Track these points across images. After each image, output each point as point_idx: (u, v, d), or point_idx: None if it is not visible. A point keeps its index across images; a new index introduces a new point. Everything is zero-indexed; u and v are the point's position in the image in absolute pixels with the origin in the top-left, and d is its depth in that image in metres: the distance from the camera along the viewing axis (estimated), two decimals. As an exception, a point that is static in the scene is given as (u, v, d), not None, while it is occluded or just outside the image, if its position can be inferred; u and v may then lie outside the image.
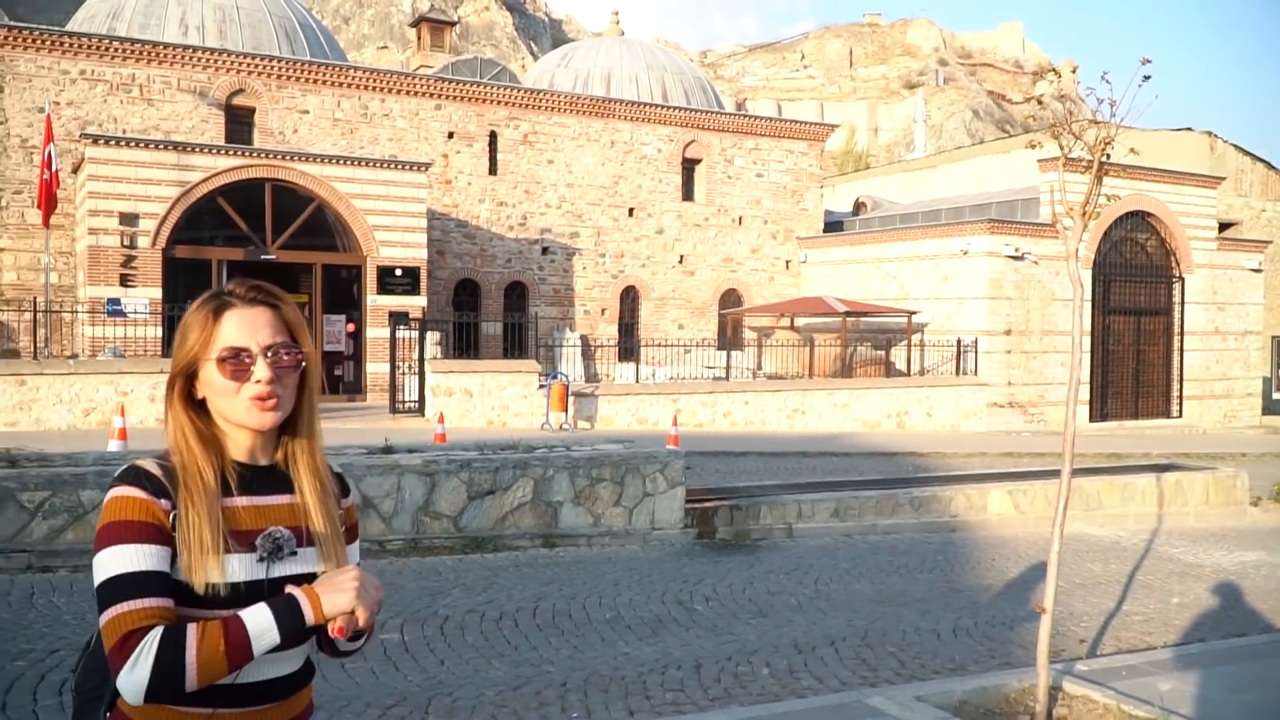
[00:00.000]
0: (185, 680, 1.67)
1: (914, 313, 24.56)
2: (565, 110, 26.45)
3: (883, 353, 25.29)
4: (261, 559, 1.84)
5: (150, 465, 1.83)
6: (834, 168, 50.37)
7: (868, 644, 6.71)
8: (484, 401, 18.78)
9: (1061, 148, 5.28)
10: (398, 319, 20.05)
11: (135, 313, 18.76)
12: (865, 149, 63.33)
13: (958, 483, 12.27)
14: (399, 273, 21.06)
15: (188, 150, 19.58)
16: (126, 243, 18.93)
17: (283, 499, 1.93)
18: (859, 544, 10.36)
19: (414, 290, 21.20)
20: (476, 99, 25.40)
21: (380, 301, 20.85)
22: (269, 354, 1.86)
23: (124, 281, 18.91)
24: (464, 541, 9.14)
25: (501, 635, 6.67)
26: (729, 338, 27.78)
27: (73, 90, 21.47)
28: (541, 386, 19.03)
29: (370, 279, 20.86)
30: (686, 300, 28.05)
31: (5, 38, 20.88)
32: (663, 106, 27.80)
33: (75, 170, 20.63)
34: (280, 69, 23.29)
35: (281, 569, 1.85)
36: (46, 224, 19.31)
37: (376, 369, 20.71)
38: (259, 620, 1.73)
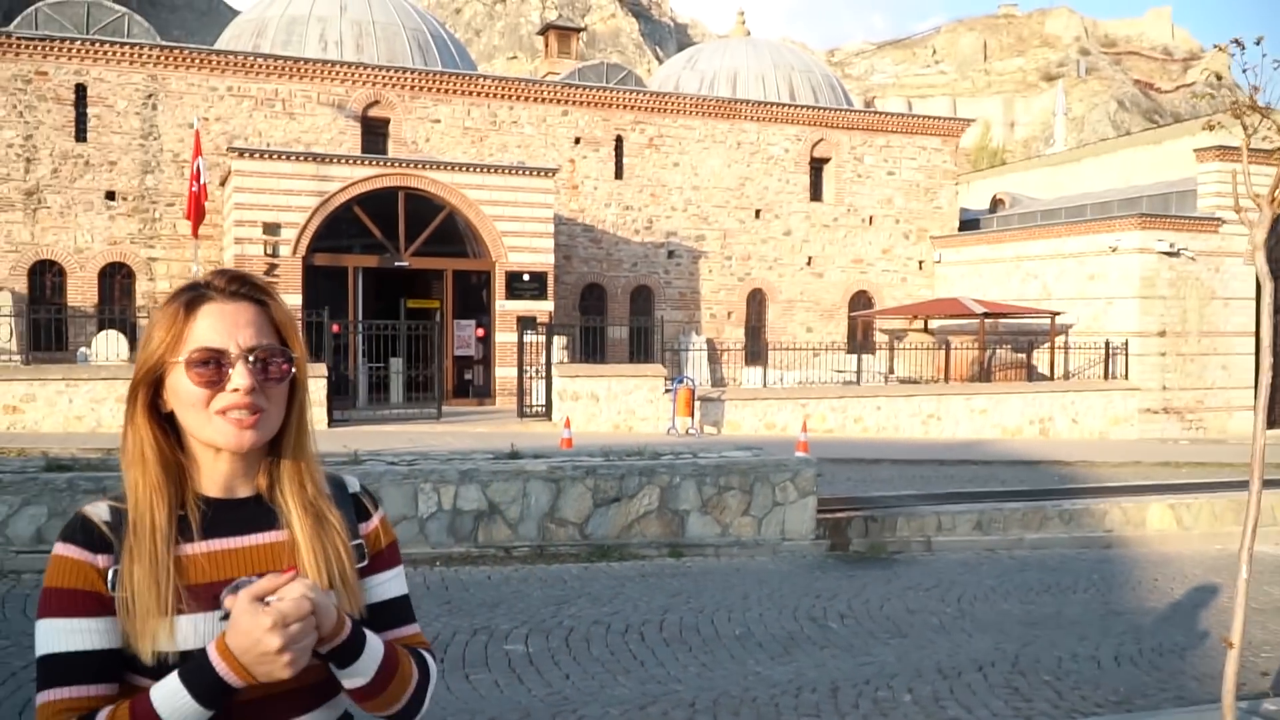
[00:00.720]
0: None
1: (1057, 313, 23.40)
2: (691, 112, 26.25)
3: (1023, 356, 24.17)
4: (225, 617, 1.45)
5: (97, 511, 1.53)
6: (968, 164, 48.72)
7: (1019, 671, 6.23)
8: (610, 406, 18.71)
9: (1246, 129, 4.74)
10: (525, 323, 20.18)
11: (277, 319, 19.38)
12: (1001, 144, 61.08)
13: (1112, 495, 11.52)
14: (527, 278, 21.21)
15: (326, 161, 20.18)
16: (269, 251, 19.61)
17: (262, 538, 1.58)
18: (1004, 559, 9.77)
19: (541, 295, 21.32)
20: (602, 104, 25.44)
21: (508, 306, 21.05)
22: (251, 358, 1.53)
23: (267, 289, 19.56)
24: (589, 549, 9.02)
25: (628, 649, 6.48)
26: (859, 341, 27.06)
27: (220, 106, 22.43)
28: (667, 391, 18.85)
29: (499, 284, 21.08)
30: (815, 303, 27.45)
31: (159, 57, 21.98)
32: (790, 105, 27.29)
33: (223, 182, 21.53)
34: (413, 80, 23.82)
35: None
36: (195, 234, 20.19)
37: (505, 373, 20.90)
38: (170, 696, 1.39)
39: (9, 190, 21.11)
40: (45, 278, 21.56)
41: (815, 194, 27.64)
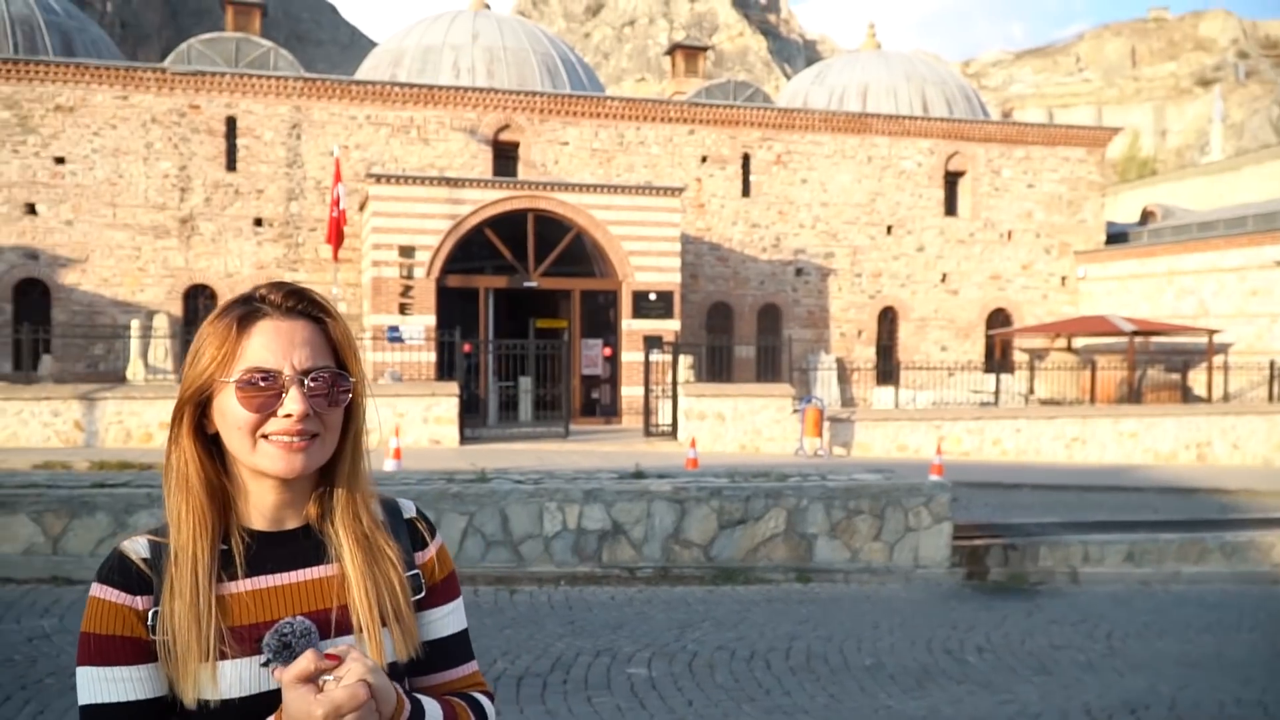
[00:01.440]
0: None
1: (1215, 331, 21.99)
2: (819, 128, 25.87)
3: (1177, 376, 22.81)
4: (267, 663, 1.37)
5: (135, 548, 1.43)
6: (1116, 176, 46.57)
7: (1177, 716, 5.75)
8: (736, 425, 18.48)
9: None
10: (651, 343, 20.17)
11: (411, 339, 19.93)
12: (1151, 154, 58.24)
13: (1280, 526, 10.63)
14: (653, 297, 21.22)
15: (458, 185, 20.68)
16: (404, 274, 20.20)
17: (309, 574, 1.47)
18: (1159, 594, 9.12)
19: (668, 314, 21.29)
20: (729, 122, 25.34)
21: (635, 326, 21.09)
22: (306, 381, 1.42)
23: (402, 310, 20.18)
24: (714, 572, 8.86)
25: (753, 677, 6.30)
26: (997, 360, 26.04)
27: (359, 134, 23.29)
28: (795, 411, 18.50)
29: (625, 303, 21.15)
30: (950, 321, 26.59)
31: (303, 89, 22.98)
32: (923, 119, 26.61)
33: (361, 207, 22.31)
34: (542, 104, 24.24)
35: None
36: (336, 257, 20.96)
37: (631, 392, 20.92)
38: None
39: (165, 219, 22.38)
40: (198, 301, 22.74)
41: (950, 208, 26.83)
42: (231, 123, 22.70)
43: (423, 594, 1.55)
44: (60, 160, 21.80)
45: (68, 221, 21.86)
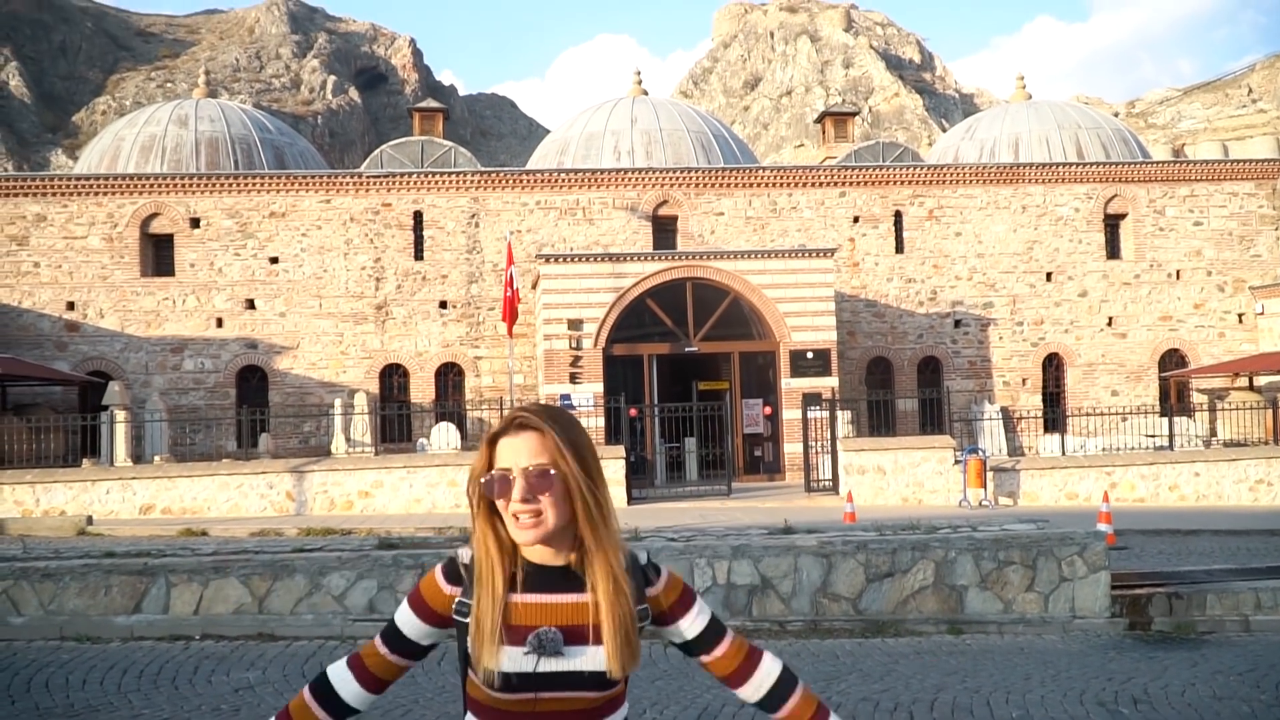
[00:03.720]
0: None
1: None
2: (970, 181, 26.12)
3: (1373, 412, 21.59)
4: (527, 654, 2.01)
5: (462, 557, 2.14)
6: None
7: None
8: (897, 479, 18.76)
9: None
10: (810, 400, 20.78)
11: (581, 406, 21.25)
12: (1347, 179, 54.33)
13: None
14: (810, 355, 21.87)
15: (620, 260, 22.10)
16: (573, 345, 21.66)
17: (567, 598, 2.07)
18: (1340, 643, 8.77)
19: (825, 371, 21.89)
20: (879, 182, 25.94)
21: (793, 384, 21.77)
22: (526, 475, 2.02)
23: (573, 379, 21.60)
24: (863, 624, 8.78)
25: None
26: (1173, 403, 25.23)
27: (530, 218, 25.20)
28: (957, 462, 18.60)
29: (783, 363, 21.89)
30: (1119, 364, 26.00)
31: (480, 181, 25.13)
32: (1078, 164, 26.44)
33: (534, 286, 24.03)
34: (697, 178, 25.57)
35: (548, 665, 2.01)
36: (511, 334, 22.67)
37: (793, 449, 21.51)
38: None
39: (363, 306, 24.78)
40: (393, 379, 24.97)
41: (1112, 252, 26.42)
42: (418, 216, 25.04)
43: (648, 621, 2.15)
44: (274, 260, 24.60)
45: (281, 313, 24.55)
